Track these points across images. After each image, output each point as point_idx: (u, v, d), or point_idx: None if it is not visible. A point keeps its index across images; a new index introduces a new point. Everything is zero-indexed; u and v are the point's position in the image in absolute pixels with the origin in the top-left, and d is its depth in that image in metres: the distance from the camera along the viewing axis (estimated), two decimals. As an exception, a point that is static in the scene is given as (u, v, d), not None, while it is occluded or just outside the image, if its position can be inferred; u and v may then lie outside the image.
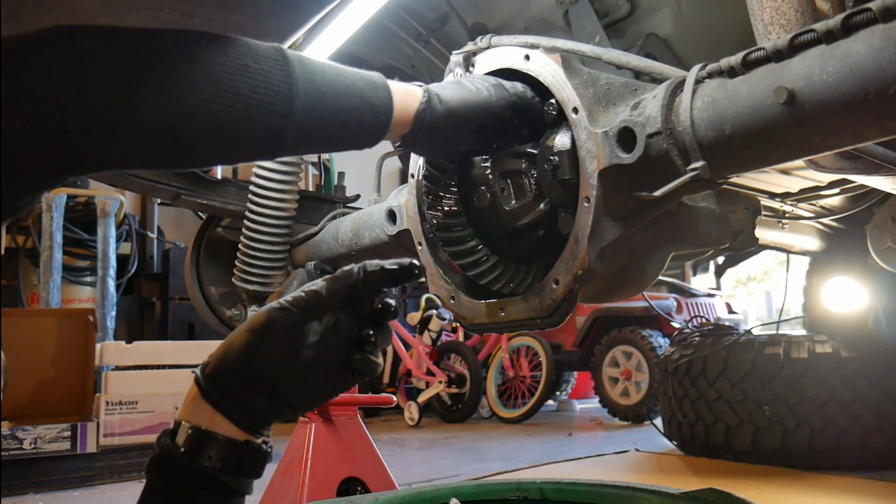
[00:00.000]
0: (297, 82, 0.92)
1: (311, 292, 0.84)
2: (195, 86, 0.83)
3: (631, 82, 1.19)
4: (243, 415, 0.82)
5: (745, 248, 1.70)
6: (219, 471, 0.79)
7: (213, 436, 0.80)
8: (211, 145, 0.90)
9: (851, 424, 3.04)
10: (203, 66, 0.83)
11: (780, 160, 1.04)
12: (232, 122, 0.88)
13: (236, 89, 0.87)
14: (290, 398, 0.83)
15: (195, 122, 0.85)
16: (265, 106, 0.89)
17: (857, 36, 0.87)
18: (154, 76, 0.80)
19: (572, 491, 1.34)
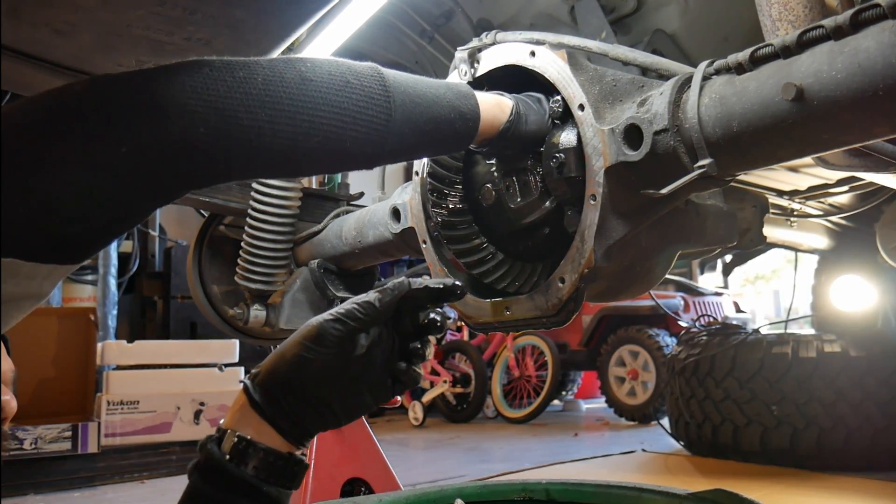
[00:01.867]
0: (393, 94, 0.99)
1: (366, 304, 0.87)
2: (308, 104, 0.89)
3: (637, 79, 1.18)
4: (290, 425, 0.84)
5: (752, 247, 1.69)
6: (262, 481, 0.82)
7: (258, 446, 0.82)
8: (322, 158, 0.95)
9: (861, 424, 3.03)
10: (313, 85, 0.90)
11: (789, 157, 1.03)
12: (340, 135, 0.94)
13: (342, 105, 0.93)
14: (336, 409, 0.86)
15: (309, 138, 0.91)
16: (368, 119, 0.96)
17: (867, 32, 0.86)
18: (273, 97, 0.86)
19: (578, 492, 1.33)
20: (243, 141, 0.85)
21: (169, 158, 0.79)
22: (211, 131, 0.82)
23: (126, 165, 0.76)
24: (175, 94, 0.79)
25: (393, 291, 0.89)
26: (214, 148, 0.83)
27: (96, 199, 0.76)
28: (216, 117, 0.82)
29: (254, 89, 0.85)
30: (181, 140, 0.79)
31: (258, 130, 0.85)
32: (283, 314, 1.99)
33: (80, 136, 0.75)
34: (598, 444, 4.44)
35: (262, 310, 2.06)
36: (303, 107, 0.89)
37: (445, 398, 6.05)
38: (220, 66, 0.85)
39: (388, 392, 0.90)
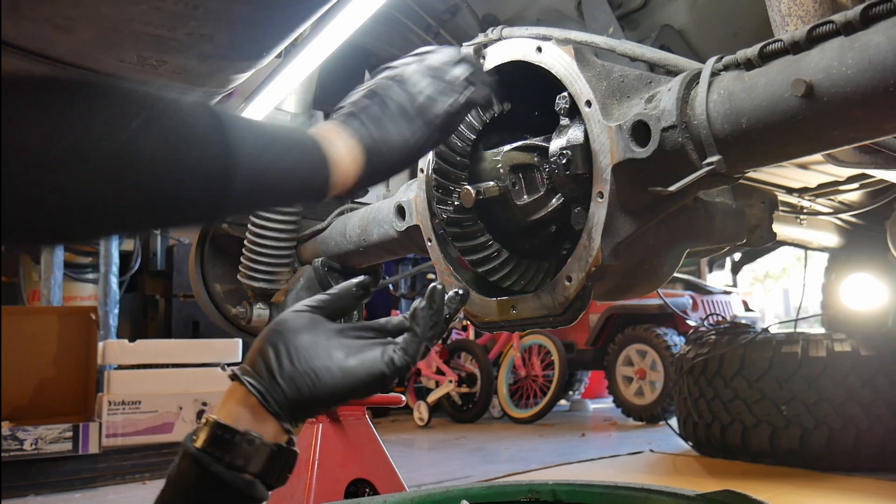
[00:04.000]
0: (235, 172, 0.82)
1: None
2: (125, 183, 0.74)
3: (645, 75, 1.17)
4: (281, 397, 0.85)
5: (762, 244, 1.67)
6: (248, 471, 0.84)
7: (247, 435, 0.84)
8: (133, 230, 0.89)
9: (871, 424, 3.02)
10: (138, 159, 0.74)
11: (798, 154, 1.03)
12: (161, 216, 0.83)
13: (172, 184, 0.77)
14: (323, 375, 0.86)
15: (121, 219, 0.78)
16: (199, 200, 0.82)
17: (877, 27, 0.85)
18: (83, 165, 0.71)
19: (585, 493, 1.33)
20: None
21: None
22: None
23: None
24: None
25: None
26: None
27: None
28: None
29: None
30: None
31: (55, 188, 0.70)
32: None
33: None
34: (605, 445, 4.43)
35: (265, 308, 2.05)
36: (115, 192, 0.74)
37: (451, 398, 6.04)
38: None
39: (379, 363, 0.88)
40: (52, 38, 1.12)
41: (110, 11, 1.11)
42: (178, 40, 1.18)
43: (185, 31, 1.17)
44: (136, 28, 1.14)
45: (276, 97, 1.90)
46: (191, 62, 1.24)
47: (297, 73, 1.76)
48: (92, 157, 0.69)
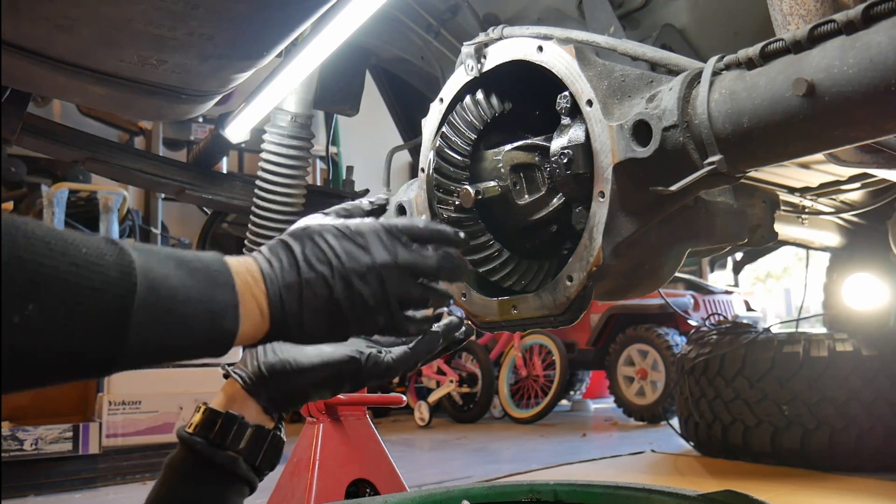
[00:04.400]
0: (128, 348, 0.72)
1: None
2: (9, 373, 0.66)
3: (646, 74, 1.17)
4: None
5: (763, 244, 1.67)
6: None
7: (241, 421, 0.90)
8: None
9: (873, 425, 3.01)
10: (19, 358, 0.65)
11: (800, 154, 1.03)
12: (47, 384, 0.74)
13: (59, 366, 0.70)
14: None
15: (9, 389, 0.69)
16: (82, 369, 0.73)
17: (879, 27, 0.85)
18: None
19: (586, 493, 1.33)
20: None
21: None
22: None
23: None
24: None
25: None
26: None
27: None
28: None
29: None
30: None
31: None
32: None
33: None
34: (606, 445, 4.42)
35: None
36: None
37: (452, 398, 6.03)
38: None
39: (354, 352, 0.92)
40: (52, 38, 1.12)
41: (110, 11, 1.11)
42: (178, 40, 1.18)
43: (186, 31, 1.17)
44: (136, 27, 1.14)
45: (277, 96, 1.90)
46: (191, 62, 1.24)
47: (298, 73, 1.75)
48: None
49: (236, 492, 0.91)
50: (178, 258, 0.77)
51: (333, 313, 0.83)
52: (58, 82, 1.24)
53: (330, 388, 0.94)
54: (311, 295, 0.82)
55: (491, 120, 1.34)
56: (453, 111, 1.38)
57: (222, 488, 0.90)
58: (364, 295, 0.83)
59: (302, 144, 2.10)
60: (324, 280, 0.83)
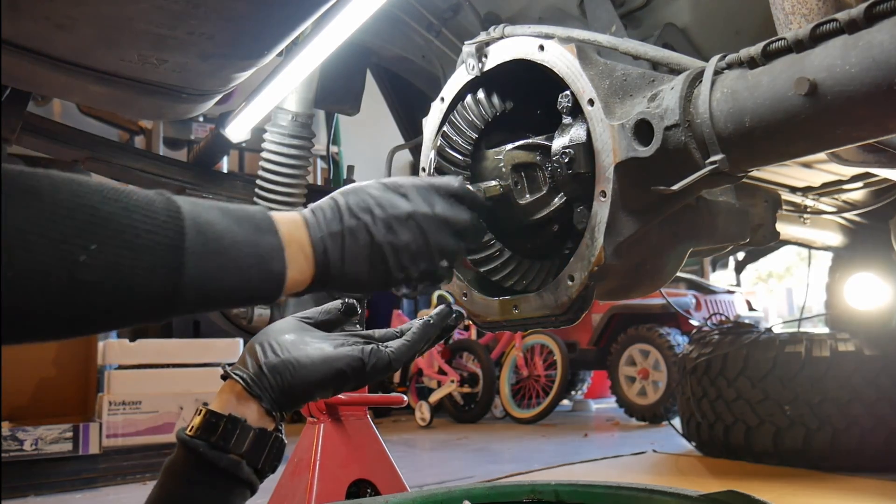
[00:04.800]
0: (186, 293, 0.79)
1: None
2: (73, 308, 0.72)
3: (648, 73, 1.16)
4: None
5: (765, 244, 1.67)
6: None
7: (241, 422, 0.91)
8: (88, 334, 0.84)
9: (875, 425, 3.01)
10: (85, 289, 0.72)
11: (802, 153, 1.02)
12: (106, 327, 0.80)
13: (119, 306, 0.75)
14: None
15: (66, 332, 0.76)
16: (145, 315, 0.80)
17: (881, 25, 0.85)
18: (24, 294, 0.69)
19: (588, 493, 1.32)
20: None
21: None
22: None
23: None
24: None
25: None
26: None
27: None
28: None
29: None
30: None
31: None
32: (287, 313, 1.97)
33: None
34: (608, 445, 4.42)
35: (266, 308, 2.05)
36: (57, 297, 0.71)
37: (453, 398, 6.03)
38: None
39: (357, 352, 0.94)
40: (53, 37, 1.11)
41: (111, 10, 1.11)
42: (178, 39, 1.18)
43: (186, 30, 1.16)
44: (136, 27, 1.13)
45: (277, 96, 1.90)
46: (191, 61, 1.24)
47: (298, 72, 1.75)
48: (40, 286, 0.68)
49: (238, 495, 0.91)
50: (222, 207, 0.83)
51: (375, 259, 0.90)
52: (58, 81, 1.24)
53: (334, 386, 0.95)
54: (353, 241, 0.89)
55: (492, 119, 1.34)
56: (454, 110, 1.38)
57: (225, 492, 0.89)
58: (405, 240, 0.91)
59: (303, 144, 2.10)
60: (365, 227, 0.90)
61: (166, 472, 0.91)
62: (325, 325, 1.00)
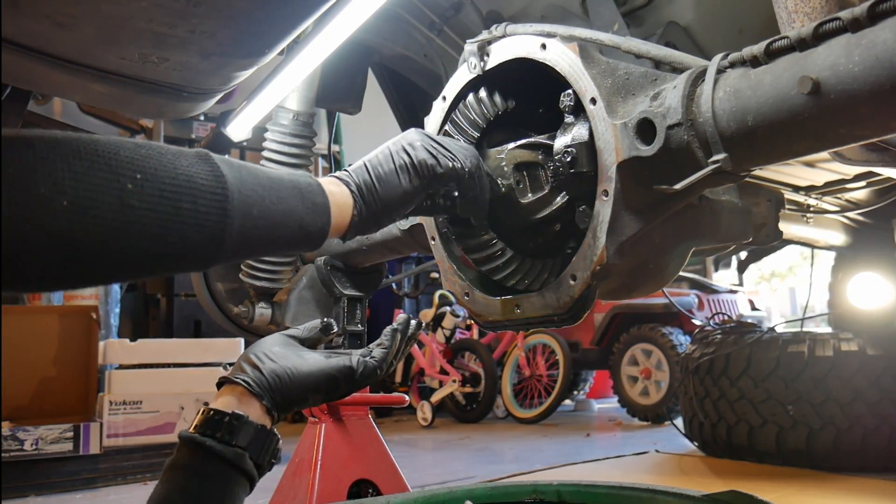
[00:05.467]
0: (232, 221, 0.87)
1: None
2: (123, 237, 0.78)
3: (651, 72, 1.16)
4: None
5: (768, 243, 1.67)
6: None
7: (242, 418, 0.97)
8: (129, 278, 0.91)
9: (879, 424, 3.00)
10: (135, 214, 0.78)
11: (805, 152, 1.02)
12: (156, 265, 0.86)
13: (167, 237, 0.82)
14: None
15: (117, 271, 0.83)
16: (195, 250, 0.86)
17: (884, 24, 0.85)
18: (79, 220, 0.75)
19: (590, 493, 1.32)
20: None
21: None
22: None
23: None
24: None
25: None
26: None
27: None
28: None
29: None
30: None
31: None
32: (288, 312, 1.97)
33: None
34: (610, 445, 4.41)
35: (267, 308, 2.05)
36: (112, 242, 0.78)
37: (455, 398, 6.02)
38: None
39: (347, 360, 1.07)
40: (53, 36, 1.11)
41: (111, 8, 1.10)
42: (179, 37, 1.17)
43: (187, 28, 1.16)
44: (137, 25, 1.13)
45: (279, 94, 1.90)
46: (192, 59, 1.23)
47: (300, 71, 1.75)
48: (93, 211, 0.74)
49: (241, 487, 0.96)
50: (280, 190, 0.96)
51: (402, 168, 1.11)
52: (58, 80, 1.24)
53: (326, 390, 1.05)
54: (377, 164, 1.11)
55: (494, 118, 1.34)
56: (456, 109, 1.37)
57: (229, 483, 0.95)
58: (421, 151, 1.14)
59: (304, 143, 2.10)
60: (387, 151, 1.13)
61: (169, 470, 0.95)
62: (307, 343, 1.10)
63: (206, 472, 0.94)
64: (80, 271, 0.77)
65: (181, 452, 0.96)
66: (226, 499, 0.94)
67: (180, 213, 0.81)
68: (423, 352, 6.11)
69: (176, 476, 0.94)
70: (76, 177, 0.73)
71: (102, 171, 0.76)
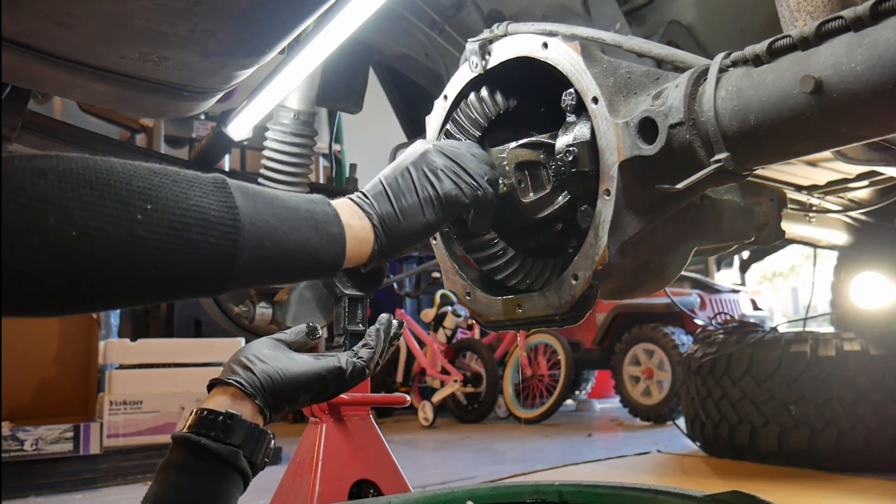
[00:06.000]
0: (242, 254, 0.86)
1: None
2: (132, 268, 0.78)
3: (652, 71, 1.16)
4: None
5: (770, 242, 1.66)
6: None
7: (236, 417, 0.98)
8: (136, 304, 0.91)
9: (881, 424, 2.99)
10: (143, 244, 0.78)
11: (807, 151, 1.02)
12: (164, 295, 0.86)
13: (176, 268, 0.82)
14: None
15: (125, 299, 0.86)
16: (203, 281, 0.86)
17: (887, 23, 0.84)
18: (88, 251, 0.75)
19: (592, 493, 1.32)
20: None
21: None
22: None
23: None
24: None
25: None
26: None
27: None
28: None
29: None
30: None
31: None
32: (289, 312, 1.97)
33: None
34: (612, 445, 4.41)
35: (268, 307, 2.04)
36: (119, 278, 0.79)
37: (456, 398, 6.02)
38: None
39: (335, 361, 1.08)
40: (53, 35, 1.11)
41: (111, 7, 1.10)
42: (179, 36, 1.17)
43: (187, 27, 1.16)
44: (137, 24, 1.13)
45: (279, 94, 1.89)
46: (193, 58, 1.23)
47: (301, 70, 1.75)
48: (101, 242, 0.75)
49: (235, 484, 0.97)
50: (294, 218, 0.95)
51: (423, 194, 1.11)
52: (58, 79, 1.24)
53: (317, 390, 1.06)
54: (397, 188, 1.10)
55: (495, 117, 1.33)
56: (457, 108, 1.37)
57: (224, 481, 0.95)
58: (441, 166, 1.14)
59: (305, 142, 2.10)
60: (407, 172, 1.12)
61: (163, 470, 0.96)
62: (294, 346, 1.11)
63: (201, 471, 0.95)
64: (87, 299, 0.78)
65: (175, 452, 0.96)
66: (220, 497, 0.94)
67: (189, 245, 0.81)
68: (425, 352, 6.11)
69: (170, 475, 0.95)
70: (86, 207, 0.74)
71: (112, 201, 0.76)
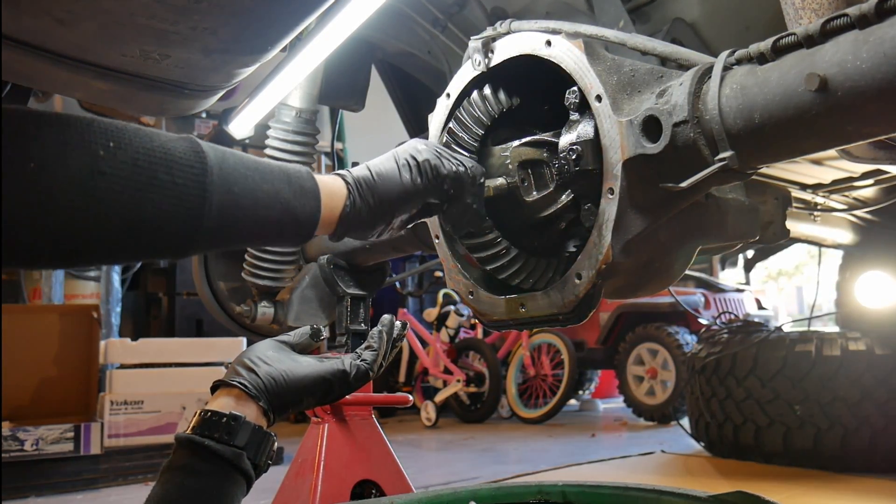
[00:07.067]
0: (211, 196, 0.87)
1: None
2: (95, 204, 0.78)
3: (656, 69, 1.16)
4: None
5: (775, 241, 1.66)
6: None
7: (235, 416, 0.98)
8: (107, 257, 0.90)
9: (887, 424, 2.99)
10: (107, 180, 0.78)
11: (812, 150, 1.02)
12: (133, 241, 0.85)
13: (142, 208, 0.81)
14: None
15: (92, 243, 0.82)
16: (171, 224, 0.86)
17: (892, 20, 0.84)
18: (48, 188, 0.75)
19: (595, 494, 1.32)
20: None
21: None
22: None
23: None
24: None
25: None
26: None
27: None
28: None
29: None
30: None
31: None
32: (291, 311, 1.97)
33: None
34: (615, 445, 4.41)
35: (269, 307, 2.04)
36: (85, 206, 0.78)
37: (459, 398, 6.02)
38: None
39: (339, 363, 1.08)
40: (53, 33, 1.10)
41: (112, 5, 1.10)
42: (181, 34, 1.17)
43: (189, 25, 1.15)
44: (138, 22, 1.12)
45: (281, 92, 1.89)
46: (194, 56, 1.22)
47: (303, 68, 1.75)
48: (62, 174, 0.74)
49: (239, 486, 0.97)
50: (265, 170, 0.97)
51: (403, 169, 1.14)
52: (59, 77, 1.23)
53: (321, 392, 1.06)
54: (380, 164, 1.13)
55: (498, 115, 1.33)
56: (460, 106, 1.37)
57: (227, 482, 0.95)
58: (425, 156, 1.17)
59: (307, 140, 2.09)
60: (392, 156, 1.15)
61: (166, 472, 0.96)
62: (298, 349, 1.11)
63: (205, 472, 0.94)
64: (54, 241, 0.77)
65: (178, 454, 0.96)
66: (224, 499, 0.94)
67: (155, 183, 0.81)
68: (427, 351, 6.10)
69: (174, 477, 0.94)
70: (44, 143, 0.73)
71: (73, 137, 0.76)
